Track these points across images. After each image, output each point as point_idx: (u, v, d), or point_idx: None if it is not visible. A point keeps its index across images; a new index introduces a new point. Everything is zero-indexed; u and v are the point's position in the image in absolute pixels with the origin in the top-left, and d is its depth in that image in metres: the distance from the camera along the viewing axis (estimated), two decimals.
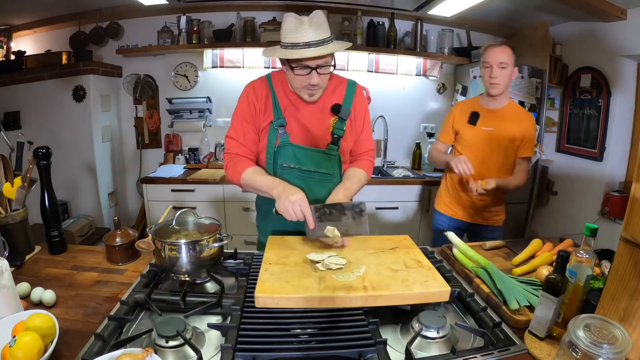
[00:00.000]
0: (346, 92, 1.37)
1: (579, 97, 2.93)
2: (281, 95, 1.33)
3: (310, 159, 1.35)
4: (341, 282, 0.99)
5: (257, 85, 1.35)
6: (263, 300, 0.93)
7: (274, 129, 1.32)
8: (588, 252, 0.89)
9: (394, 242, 1.26)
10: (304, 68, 1.18)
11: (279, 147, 1.32)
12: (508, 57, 1.70)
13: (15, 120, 2.95)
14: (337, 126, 1.35)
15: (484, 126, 1.83)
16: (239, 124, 1.34)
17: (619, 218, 2.56)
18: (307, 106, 1.33)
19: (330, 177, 1.39)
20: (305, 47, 1.14)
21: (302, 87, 1.24)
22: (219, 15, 3.03)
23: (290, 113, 1.32)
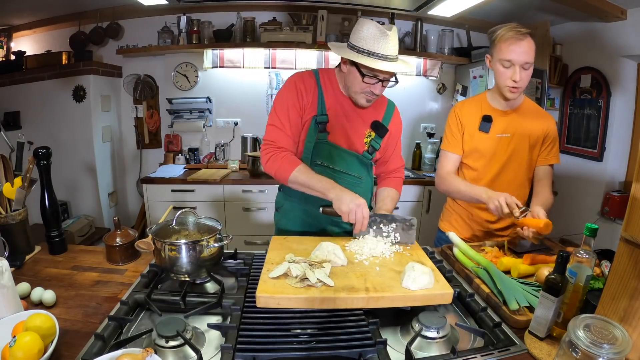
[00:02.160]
0: (386, 111, 1.42)
1: (579, 97, 2.93)
2: (329, 93, 1.33)
3: (344, 161, 1.37)
4: (343, 283, 0.98)
5: (306, 77, 1.33)
6: (264, 300, 0.93)
7: (314, 124, 1.31)
8: (588, 252, 0.89)
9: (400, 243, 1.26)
10: (373, 77, 1.21)
11: (317, 144, 1.33)
12: (533, 53, 1.37)
13: (15, 120, 2.95)
14: (374, 140, 1.39)
15: (498, 132, 1.49)
16: (284, 113, 1.29)
17: (619, 218, 2.56)
18: (351, 112, 1.35)
19: (359, 181, 1.42)
20: (383, 60, 1.16)
21: (363, 92, 1.26)
22: (219, 15, 3.03)
23: (334, 112, 1.33)
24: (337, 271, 1.05)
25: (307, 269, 1.00)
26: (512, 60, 1.36)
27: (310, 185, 1.24)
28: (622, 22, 2.49)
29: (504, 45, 1.37)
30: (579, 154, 2.96)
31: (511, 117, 1.49)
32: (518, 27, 1.35)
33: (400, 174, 1.53)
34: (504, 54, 1.37)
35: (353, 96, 1.30)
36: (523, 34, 1.34)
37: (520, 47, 1.34)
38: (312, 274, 0.98)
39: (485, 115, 1.50)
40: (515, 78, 1.37)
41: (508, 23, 1.39)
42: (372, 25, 1.16)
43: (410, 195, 2.96)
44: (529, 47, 1.35)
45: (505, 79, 1.40)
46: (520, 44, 1.34)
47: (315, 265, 1.04)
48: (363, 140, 1.39)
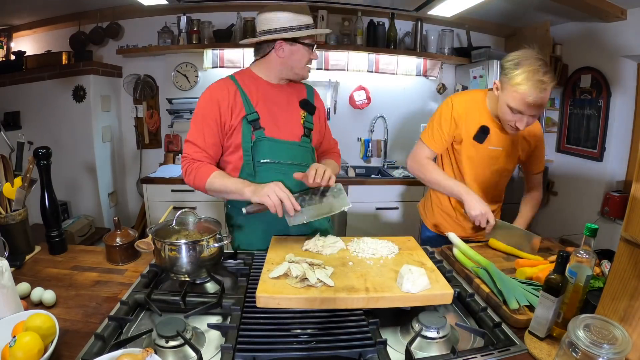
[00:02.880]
0: (307, 91, 1.48)
1: (579, 97, 2.93)
2: (251, 90, 1.34)
3: (287, 152, 1.36)
4: (343, 283, 0.99)
5: (221, 84, 1.34)
6: (264, 301, 0.93)
7: (247, 124, 1.31)
8: (588, 252, 0.89)
9: (398, 243, 1.25)
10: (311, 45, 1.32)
11: (255, 142, 1.32)
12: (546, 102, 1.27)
13: (15, 120, 2.95)
14: (306, 119, 1.42)
15: (491, 145, 1.47)
16: (198, 128, 1.31)
17: (619, 218, 2.56)
18: (278, 99, 1.38)
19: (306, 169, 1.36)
20: (313, 28, 1.30)
21: (307, 64, 1.35)
22: (219, 15, 3.04)
23: (263, 107, 1.34)
24: (338, 271, 1.05)
25: (307, 269, 1.00)
26: (522, 112, 1.28)
27: (226, 188, 1.25)
28: (622, 22, 2.49)
29: (518, 96, 1.24)
30: (579, 154, 2.96)
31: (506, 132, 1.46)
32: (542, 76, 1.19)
33: (337, 149, 1.62)
34: (516, 104, 1.26)
35: (299, 73, 1.36)
36: (545, 88, 1.19)
37: (539, 102, 1.23)
38: (312, 274, 0.98)
39: (483, 126, 1.45)
40: (520, 126, 1.32)
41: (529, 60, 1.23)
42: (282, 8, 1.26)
43: (410, 195, 2.96)
44: (545, 100, 1.24)
45: (509, 121, 1.34)
46: (539, 100, 1.22)
47: (316, 265, 1.04)
48: (300, 123, 1.40)
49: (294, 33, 1.27)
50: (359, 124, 3.36)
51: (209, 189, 1.29)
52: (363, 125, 3.36)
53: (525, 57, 1.26)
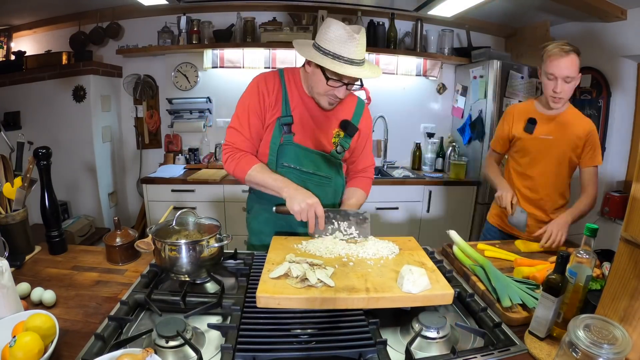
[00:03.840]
0: (355, 109, 1.39)
1: (579, 97, 2.92)
2: (293, 93, 1.31)
3: (311, 161, 1.35)
4: (343, 283, 0.98)
5: (269, 78, 1.32)
6: (265, 301, 0.93)
7: (279, 126, 1.30)
8: (588, 253, 0.89)
9: (399, 243, 1.25)
10: (338, 81, 1.19)
11: (282, 145, 1.32)
12: (575, 68, 1.49)
13: (15, 120, 2.95)
14: (343, 139, 1.36)
15: (541, 134, 1.64)
16: (245, 116, 1.30)
17: (619, 218, 2.56)
18: (317, 111, 1.33)
19: (328, 181, 1.40)
20: (348, 64, 1.13)
21: (326, 95, 1.24)
22: (219, 15, 3.03)
23: (299, 113, 1.31)
24: (338, 271, 1.05)
25: (307, 269, 1.00)
26: (554, 74, 1.51)
27: (265, 183, 1.26)
28: (622, 22, 2.49)
29: (549, 60, 1.52)
30: None
31: (554, 122, 1.63)
32: (564, 44, 1.49)
33: (369, 174, 1.51)
34: (548, 68, 1.53)
35: (316, 97, 1.28)
36: (567, 51, 1.48)
37: (563, 62, 1.49)
38: (312, 274, 0.98)
39: (530, 118, 1.67)
40: (556, 89, 1.52)
41: (559, 40, 1.54)
42: (339, 27, 1.12)
43: (410, 195, 2.96)
44: (571, 63, 1.49)
45: (549, 90, 1.56)
46: (562, 59, 1.49)
47: (316, 265, 1.04)
48: (331, 140, 1.36)
49: (318, 57, 1.14)
50: None
51: (248, 181, 1.30)
52: None
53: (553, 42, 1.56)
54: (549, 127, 1.64)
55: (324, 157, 1.36)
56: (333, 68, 1.12)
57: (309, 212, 1.17)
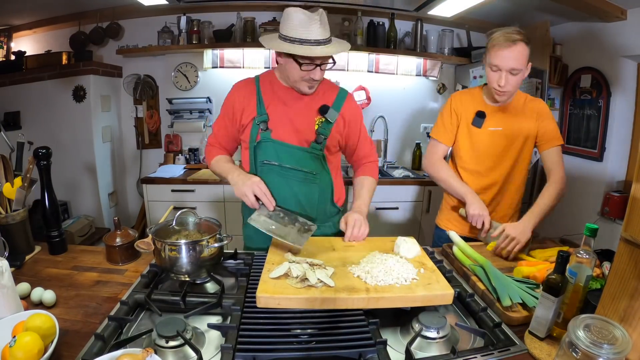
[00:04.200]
0: (336, 98, 1.39)
1: (579, 97, 2.93)
2: (267, 92, 1.36)
3: (292, 156, 1.34)
4: (343, 283, 0.98)
5: (242, 84, 1.41)
6: (265, 301, 0.93)
7: (255, 125, 1.34)
8: (588, 253, 0.89)
9: None
10: (310, 64, 1.21)
11: (259, 143, 1.34)
12: (522, 60, 1.36)
13: (15, 120, 2.95)
14: (322, 126, 1.35)
15: (490, 126, 1.52)
16: (220, 119, 1.45)
17: (619, 218, 2.56)
18: (294, 103, 1.34)
19: (313, 177, 1.37)
20: (315, 45, 1.17)
21: (303, 80, 1.26)
22: (219, 15, 3.03)
23: (275, 109, 1.34)
24: (338, 271, 1.05)
25: (307, 269, 1.00)
26: (498, 66, 1.38)
27: (218, 171, 1.42)
28: (622, 22, 2.49)
29: (493, 50, 1.38)
30: (579, 154, 2.96)
31: (503, 112, 1.52)
32: (511, 32, 1.35)
33: (372, 158, 1.51)
34: (492, 59, 1.39)
35: (294, 85, 1.30)
36: (513, 40, 1.34)
37: (509, 53, 1.34)
38: (312, 274, 0.98)
39: (479, 110, 1.53)
40: (500, 83, 1.39)
41: (506, 27, 1.39)
42: (299, 12, 1.16)
43: (410, 195, 2.96)
44: (519, 53, 1.35)
45: (492, 82, 1.43)
46: (508, 50, 1.34)
47: (316, 265, 1.04)
48: (314, 128, 1.35)
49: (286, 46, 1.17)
50: None
51: (212, 169, 1.47)
52: None
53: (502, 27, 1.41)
54: (497, 118, 1.51)
55: (305, 151, 1.35)
56: (302, 52, 1.16)
57: (254, 189, 1.22)
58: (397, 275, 1.01)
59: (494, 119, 1.52)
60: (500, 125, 1.51)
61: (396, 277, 1.00)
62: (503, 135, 1.51)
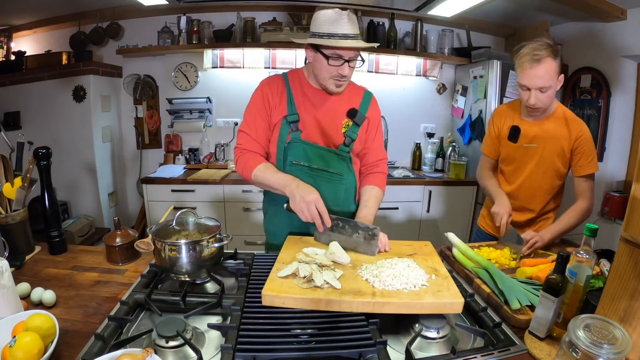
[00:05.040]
0: (362, 100, 1.41)
1: (579, 97, 2.92)
2: (297, 92, 1.35)
3: (320, 157, 1.36)
4: (350, 286, 0.97)
5: (272, 80, 1.37)
6: (270, 299, 0.92)
7: (286, 124, 1.33)
8: (588, 253, 0.89)
9: (414, 248, 1.22)
10: (338, 59, 1.22)
11: (290, 143, 1.33)
12: (550, 76, 1.35)
13: (15, 120, 2.95)
14: (350, 129, 1.37)
15: (525, 143, 1.55)
16: (252, 119, 1.36)
17: (619, 218, 2.56)
18: (323, 104, 1.35)
19: (339, 178, 1.39)
20: (344, 38, 1.18)
21: (332, 77, 1.26)
22: (219, 15, 3.03)
23: (305, 110, 1.33)
24: (347, 274, 1.04)
25: (315, 270, 0.99)
26: (526, 85, 1.40)
27: (269, 182, 1.28)
28: (622, 22, 2.49)
29: (520, 70, 1.40)
30: None
31: (539, 128, 1.53)
32: (537, 47, 1.34)
33: (381, 169, 1.48)
34: (520, 79, 1.42)
35: (323, 84, 1.30)
36: (539, 59, 1.34)
37: (534, 72, 1.35)
38: (319, 275, 0.97)
39: (514, 126, 1.58)
40: (530, 101, 1.41)
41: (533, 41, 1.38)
42: (327, 10, 1.20)
43: (411, 195, 2.96)
44: (546, 71, 1.35)
45: (523, 101, 1.46)
46: (535, 69, 1.35)
47: (325, 267, 1.03)
48: (341, 131, 1.36)
49: (314, 40, 1.21)
50: None
51: (254, 180, 1.32)
52: None
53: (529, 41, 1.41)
54: (532, 135, 1.54)
55: (332, 152, 1.37)
56: (329, 43, 1.18)
57: (310, 209, 1.17)
58: (406, 281, 0.98)
59: (530, 135, 1.55)
60: (535, 141, 1.54)
61: (405, 283, 0.98)
62: (537, 151, 1.54)
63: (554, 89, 1.41)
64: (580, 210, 1.51)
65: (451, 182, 2.99)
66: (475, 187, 3.00)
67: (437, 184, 2.97)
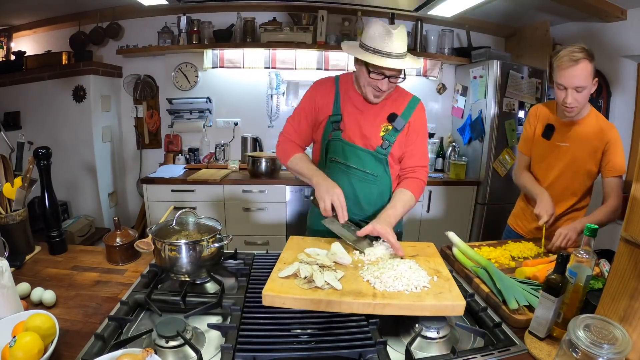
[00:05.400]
0: (407, 105, 1.42)
1: None
2: (344, 94, 1.42)
3: (357, 157, 1.41)
4: (351, 287, 0.96)
5: (324, 82, 1.47)
6: (270, 299, 0.92)
7: (329, 124, 1.41)
8: (588, 253, 0.89)
9: (417, 249, 1.21)
10: (379, 74, 1.26)
11: (330, 141, 1.42)
12: (586, 77, 1.42)
13: (15, 120, 2.95)
14: (389, 133, 1.40)
15: (558, 141, 1.60)
16: (298, 114, 1.47)
17: (619, 218, 2.56)
18: (365, 108, 1.40)
19: (374, 179, 1.43)
20: (387, 57, 1.22)
21: (370, 87, 1.32)
22: (219, 15, 3.04)
23: (349, 112, 1.40)
24: (348, 274, 1.03)
25: (316, 271, 0.99)
26: (563, 84, 1.45)
27: (302, 170, 1.39)
28: (622, 22, 2.49)
29: (558, 70, 1.47)
30: None
31: (573, 129, 1.58)
32: (575, 50, 1.42)
33: (419, 175, 1.43)
34: (558, 78, 1.47)
35: (363, 91, 1.36)
36: (576, 59, 1.41)
37: (572, 72, 1.42)
38: (320, 275, 0.97)
39: (549, 124, 1.64)
40: (566, 100, 1.46)
41: (570, 45, 1.46)
42: (378, 25, 1.23)
43: None
44: (581, 72, 1.41)
45: (559, 99, 1.51)
46: (572, 69, 1.42)
47: (326, 267, 1.03)
48: (379, 134, 1.40)
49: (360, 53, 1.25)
50: None
51: (289, 167, 1.43)
52: None
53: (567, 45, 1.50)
54: (566, 134, 1.59)
55: (369, 153, 1.41)
56: (371, 60, 1.22)
57: (332, 198, 1.23)
58: (407, 282, 0.97)
59: (564, 135, 1.60)
60: (567, 141, 1.59)
61: (406, 284, 0.97)
62: (569, 150, 1.58)
63: (589, 90, 1.47)
64: (611, 207, 1.56)
65: (451, 182, 2.99)
66: (475, 187, 3.00)
67: (437, 184, 2.97)
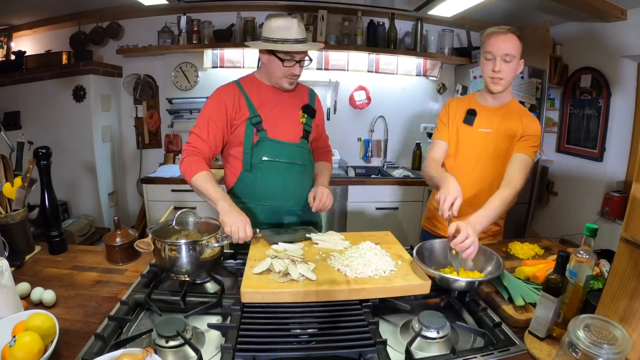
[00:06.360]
0: (309, 96, 1.58)
1: (579, 97, 2.93)
2: (254, 95, 1.45)
3: (286, 152, 1.47)
4: (325, 276, 1.04)
5: (228, 87, 1.46)
6: (249, 295, 0.96)
7: (250, 126, 1.42)
8: (588, 253, 0.89)
9: (377, 238, 1.30)
10: (291, 60, 1.36)
11: (258, 142, 1.42)
12: (515, 48, 1.41)
13: (15, 120, 2.95)
14: (306, 123, 1.52)
15: (480, 127, 1.54)
16: (204, 123, 1.40)
17: (619, 218, 2.56)
18: (279, 103, 1.46)
19: (304, 169, 1.52)
20: (295, 43, 1.34)
21: (285, 76, 1.40)
22: (219, 15, 3.03)
23: (265, 111, 1.44)
24: (319, 266, 1.10)
25: (289, 264, 1.04)
26: (492, 52, 1.44)
27: (206, 192, 1.31)
28: (622, 22, 2.49)
29: (486, 39, 1.47)
30: (579, 154, 2.96)
31: (495, 114, 1.53)
32: (502, 27, 1.45)
33: (328, 148, 1.74)
34: (486, 47, 1.47)
35: (277, 82, 1.43)
36: (505, 31, 1.43)
37: (499, 41, 1.42)
38: (294, 269, 1.03)
39: (470, 109, 1.58)
40: (495, 68, 1.43)
41: None
42: (278, 18, 1.35)
43: (410, 195, 2.96)
44: (510, 41, 1.42)
45: (487, 70, 1.47)
46: (499, 37, 1.43)
47: (298, 260, 1.09)
48: (300, 123, 1.50)
49: (267, 45, 1.34)
50: (359, 124, 3.35)
51: (193, 184, 1.35)
52: (363, 125, 3.36)
53: None
54: (488, 120, 1.53)
55: (296, 147, 1.49)
56: (284, 48, 1.34)
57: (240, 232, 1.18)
58: (376, 267, 1.08)
59: (486, 120, 1.53)
60: (490, 127, 1.53)
61: (375, 269, 1.08)
62: (492, 137, 1.52)
63: (516, 65, 1.44)
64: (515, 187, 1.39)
65: None
66: None
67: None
